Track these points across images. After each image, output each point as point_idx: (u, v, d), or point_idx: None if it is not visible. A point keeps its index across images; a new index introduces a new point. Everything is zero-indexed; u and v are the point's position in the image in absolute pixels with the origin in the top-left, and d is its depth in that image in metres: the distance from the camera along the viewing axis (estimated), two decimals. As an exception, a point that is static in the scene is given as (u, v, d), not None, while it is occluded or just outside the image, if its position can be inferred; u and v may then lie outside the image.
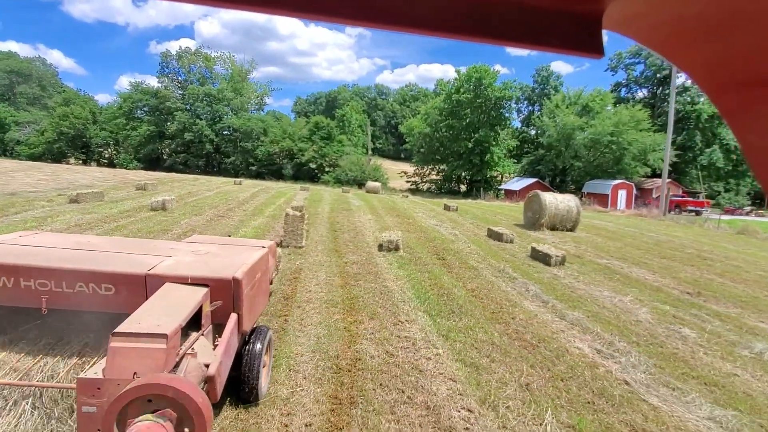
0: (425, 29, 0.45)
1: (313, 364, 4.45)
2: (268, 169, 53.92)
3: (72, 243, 3.82)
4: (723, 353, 5.58)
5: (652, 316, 6.81)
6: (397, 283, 7.66)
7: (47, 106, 70.59)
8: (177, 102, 56.43)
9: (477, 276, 8.54)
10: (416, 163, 54.05)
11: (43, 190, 15.53)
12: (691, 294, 8.26)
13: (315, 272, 7.96)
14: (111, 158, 61.26)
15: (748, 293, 8.59)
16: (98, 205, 13.05)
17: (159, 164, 56.34)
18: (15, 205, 11.79)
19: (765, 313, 7.41)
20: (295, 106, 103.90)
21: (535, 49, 0.48)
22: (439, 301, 6.85)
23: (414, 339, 5.28)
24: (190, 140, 54.81)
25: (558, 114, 42.92)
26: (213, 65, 60.66)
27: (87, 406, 2.19)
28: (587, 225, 17.45)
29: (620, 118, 39.88)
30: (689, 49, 0.45)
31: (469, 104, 44.55)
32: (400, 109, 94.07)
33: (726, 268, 10.80)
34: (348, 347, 4.91)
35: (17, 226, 9.26)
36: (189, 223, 11.37)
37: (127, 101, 58.49)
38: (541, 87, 52.89)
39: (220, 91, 56.48)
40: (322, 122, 54.41)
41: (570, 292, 7.84)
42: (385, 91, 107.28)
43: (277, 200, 19.31)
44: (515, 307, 6.82)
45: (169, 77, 59.73)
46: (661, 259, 11.30)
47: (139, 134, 56.41)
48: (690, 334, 6.14)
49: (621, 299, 7.55)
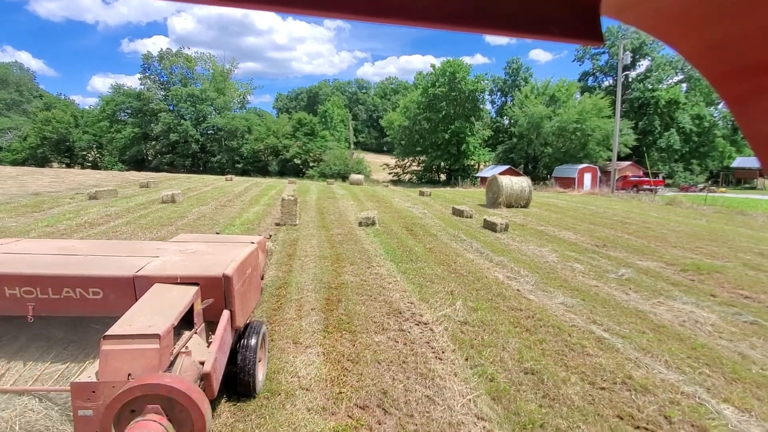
0: (424, 21, 0.44)
1: (313, 285, 6.79)
2: (254, 166, 55.61)
3: (56, 248, 3.78)
4: (595, 276, 8.11)
5: (557, 258, 9.33)
6: (372, 245, 10.02)
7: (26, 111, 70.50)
8: (161, 103, 57.44)
9: (435, 240, 10.96)
10: (397, 155, 56.41)
11: (58, 190, 17.36)
12: (598, 246, 10.84)
13: (308, 240, 10.27)
14: (95, 161, 61.96)
15: (642, 244, 11.21)
16: (115, 201, 15.05)
17: (144, 165, 57.38)
18: (45, 203, 13.73)
19: (646, 255, 10.00)
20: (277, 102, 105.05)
21: (535, 38, 0.48)
22: (402, 255, 9.23)
23: (381, 274, 7.65)
24: (176, 141, 55.99)
25: (527, 104, 45.72)
26: (194, 66, 61.63)
27: (83, 409, 2.20)
28: (543, 203, 20.09)
29: (584, 107, 42.87)
30: (690, 36, 0.44)
31: (444, 97, 47.01)
32: (381, 102, 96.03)
33: (638, 229, 13.47)
34: (335, 278, 7.26)
35: (61, 217, 11.27)
36: (199, 211, 13.53)
37: (109, 104, 59.14)
38: (512, 78, 55.68)
39: (203, 92, 57.69)
40: (305, 119, 56.23)
41: (503, 247, 10.33)
42: (366, 86, 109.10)
43: (269, 192, 21.46)
44: (459, 256, 9.25)
45: (151, 79, 60.55)
46: (589, 225, 13.93)
47: (123, 137, 57.27)
48: (579, 267, 8.66)
49: (540, 250, 10.07)
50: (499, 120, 55.99)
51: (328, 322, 5.47)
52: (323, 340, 4.94)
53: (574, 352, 4.85)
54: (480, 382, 4.12)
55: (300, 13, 0.43)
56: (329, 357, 4.52)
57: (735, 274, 8.45)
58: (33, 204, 13.39)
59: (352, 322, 5.45)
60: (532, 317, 5.88)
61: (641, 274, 8.34)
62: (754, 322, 6.02)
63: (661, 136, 49.43)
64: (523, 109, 46.22)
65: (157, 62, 60.21)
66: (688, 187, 43.71)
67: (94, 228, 10.54)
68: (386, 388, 3.91)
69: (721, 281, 8.02)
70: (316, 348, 4.72)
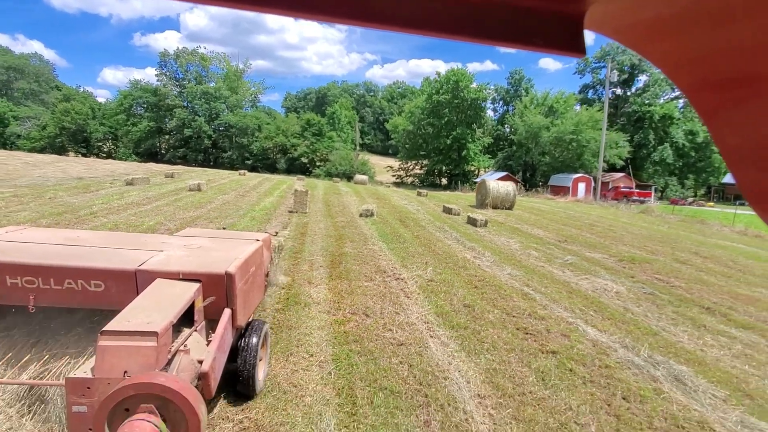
0: (414, 28, 0.46)
1: (321, 252, 8.92)
2: (262, 163, 57.95)
3: (61, 238, 3.78)
4: (544, 260, 10.16)
5: (519, 247, 11.40)
6: (369, 231, 12.13)
7: (44, 101, 73.28)
8: (176, 99, 59.98)
9: (422, 229, 13.06)
10: (401, 158, 58.58)
11: (95, 176, 19.64)
12: (559, 241, 12.88)
13: (317, 224, 12.40)
14: (110, 152, 64.55)
15: (598, 241, 13.24)
16: (149, 187, 17.29)
17: (157, 158, 59.91)
18: (91, 186, 15.97)
19: (596, 249, 12.03)
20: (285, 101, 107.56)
21: (521, 49, 0.50)
22: (393, 238, 11.34)
23: (373, 249, 9.76)
24: (189, 136, 58.45)
25: (526, 114, 47.82)
26: (209, 64, 64.18)
27: (77, 405, 2.19)
28: (528, 207, 22.14)
29: (580, 119, 44.90)
30: (666, 48, 0.45)
31: (447, 104, 49.16)
32: (388, 105, 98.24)
33: (602, 230, 15.50)
34: (338, 249, 9.38)
35: (108, 198, 13.45)
36: (222, 199, 15.71)
37: (127, 98, 61.77)
38: (514, 89, 57.82)
39: (217, 90, 60.18)
40: (314, 119, 58.57)
41: (479, 237, 12.40)
42: (374, 88, 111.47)
43: (280, 186, 23.66)
44: (439, 242, 11.34)
45: (167, 75, 63.15)
46: (560, 225, 15.97)
47: (139, 130, 59.81)
48: (534, 253, 10.73)
49: (508, 241, 12.13)
50: (500, 128, 58.11)
51: (332, 274, 7.58)
52: (328, 282, 7.06)
53: (503, 300, 6.92)
54: (431, 308, 6.21)
55: (292, 15, 0.45)
56: (332, 291, 6.64)
57: (661, 265, 10.48)
58: (82, 186, 15.62)
59: (348, 275, 7.56)
60: (482, 280, 7.96)
61: (584, 261, 10.39)
62: (652, 293, 8.08)
63: (654, 149, 51.33)
64: (523, 119, 48.32)
65: (173, 60, 62.85)
66: (678, 200, 45.67)
67: (141, 207, 12.75)
68: (369, 306, 6.02)
69: (646, 269, 10.06)
70: (323, 286, 6.83)
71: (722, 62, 0.41)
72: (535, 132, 46.58)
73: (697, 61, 0.43)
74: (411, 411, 3.70)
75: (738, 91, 0.41)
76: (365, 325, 5.43)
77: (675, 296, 7.94)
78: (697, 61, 0.43)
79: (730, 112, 0.43)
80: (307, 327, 5.28)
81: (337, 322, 5.45)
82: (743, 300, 8.08)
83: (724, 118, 0.44)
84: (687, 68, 0.45)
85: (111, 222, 10.34)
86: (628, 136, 49.01)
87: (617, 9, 0.45)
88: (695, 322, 6.61)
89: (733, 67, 0.40)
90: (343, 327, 5.33)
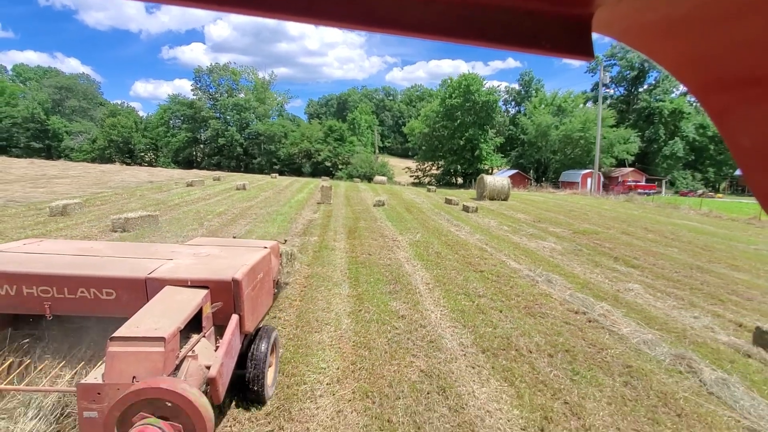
0: (419, 32, 0.46)
1: (342, 226, 12.49)
2: (289, 168, 62.54)
3: (75, 249, 3.90)
4: (510, 231, 13.34)
5: (496, 225, 14.59)
6: (379, 215, 15.61)
7: (92, 117, 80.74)
8: (209, 111, 65.56)
9: (423, 214, 16.44)
10: (418, 160, 61.92)
11: (160, 180, 24.03)
12: (533, 221, 15.96)
13: (339, 210, 15.99)
14: (151, 161, 70.92)
15: (566, 221, 16.22)
16: (204, 188, 21.40)
17: (193, 166, 65.60)
18: (163, 187, 20.19)
19: (561, 226, 15.05)
20: (308, 108, 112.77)
21: (528, 52, 0.49)
22: (397, 219, 14.77)
23: (380, 225, 13.23)
24: (223, 144, 63.78)
25: (536, 114, 50.30)
26: (239, 78, 69.56)
27: (88, 411, 2.24)
28: (524, 198, 25.12)
29: (588, 117, 47.03)
30: (674, 49, 0.45)
31: (460, 107, 52.20)
32: (406, 109, 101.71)
33: (577, 214, 18.38)
34: (354, 225, 12.92)
35: (179, 195, 17.48)
36: (264, 195, 19.59)
37: (166, 112, 67.89)
38: (525, 89, 60.23)
39: (247, 101, 65.37)
40: (336, 126, 62.77)
41: (466, 218, 15.67)
42: (393, 93, 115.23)
43: (308, 186, 27.57)
44: (433, 221, 14.69)
45: (201, 90, 68.95)
46: (542, 211, 18.96)
47: (177, 140, 65.67)
48: (505, 228, 13.91)
49: (490, 221, 15.34)
50: (512, 128, 60.62)
51: (349, 237, 11.11)
52: (346, 241, 10.59)
53: (463, 250, 10.23)
54: (413, 252, 9.63)
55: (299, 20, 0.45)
56: (349, 244, 10.16)
57: (606, 236, 13.46)
58: (155, 187, 19.84)
59: (360, 239, 11.05)
60: (455, 242, 11.29)
61: (543, 232, 13.51)
62: (578, 250, 11.16)
63: (665, 144, 52.65)
64: (532, 119, 50.81)
65: (206, 75, 68.56)
66: (687, 192, 47.05)
67: (206, 200, 16.74)
68: (371, 252, 9.51)
69: (592, 238, 13.07)
70: (342, 243, 10.37)
71: (732, 62, 0.41)
72: (544, 131, 49.00)
73: (706, 62, 0.44)
74: (388, 285, 7.15)
75: (748, 91, 0.41)
76: (369, 258, 8.91)
77: (597, 251, 11.00)
78: (706, 62, 0.44)
79: (740, 113, 0.43)
80: (333, 256, 8.82)
81: (351, 257, 8.95)
82: (652, 254, 11.04)
83: (735, 118, 0.44)
84: (696, 69, 0.45)
85: (193, 210, 14.23)
86: (638, 132, 50.67)
87: (625, 11, 0.45)
88: (596, 263, 9.72)
89: (743, 67, 0.40)
90: (355, 258, 8.82)
